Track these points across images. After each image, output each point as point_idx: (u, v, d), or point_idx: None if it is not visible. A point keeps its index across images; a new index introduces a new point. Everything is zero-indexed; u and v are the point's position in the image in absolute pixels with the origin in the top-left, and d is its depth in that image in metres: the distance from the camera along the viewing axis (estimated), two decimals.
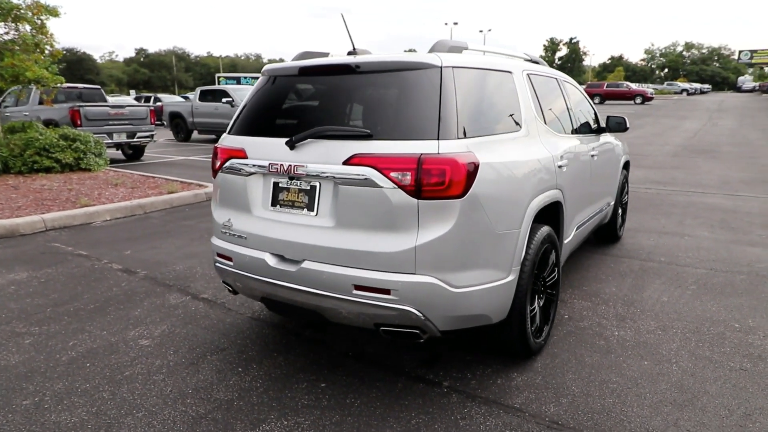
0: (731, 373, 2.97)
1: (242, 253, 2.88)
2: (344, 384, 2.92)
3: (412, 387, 2.88)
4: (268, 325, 3.72)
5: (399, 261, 2.42)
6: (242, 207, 2.91)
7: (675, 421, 2.54)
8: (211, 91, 18.75)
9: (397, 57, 2.67)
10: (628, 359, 3.14)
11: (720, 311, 3.80)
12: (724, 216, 6.69)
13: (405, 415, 2.62)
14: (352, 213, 2.50)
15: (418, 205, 2.37)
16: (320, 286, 2.59)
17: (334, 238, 2.55)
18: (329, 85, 2.84)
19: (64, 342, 3.46)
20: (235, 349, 3.35)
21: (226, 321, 3.78)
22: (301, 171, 2.62)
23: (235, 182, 2.93)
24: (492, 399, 2.75)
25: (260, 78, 3.13)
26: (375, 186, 2.41)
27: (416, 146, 2.39)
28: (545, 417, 2.59)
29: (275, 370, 3.08)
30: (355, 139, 2.52)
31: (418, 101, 2.50)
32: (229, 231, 2.97)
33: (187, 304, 4.08)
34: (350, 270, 2.50)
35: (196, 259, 5.22)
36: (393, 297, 2.43)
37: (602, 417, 2.58)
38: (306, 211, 2.67)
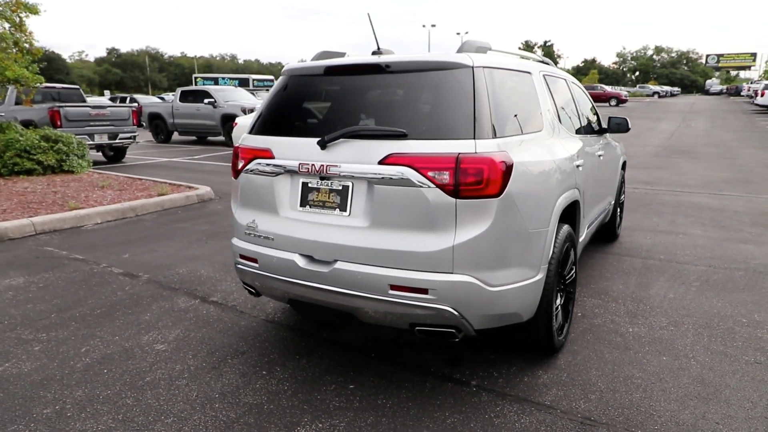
0: (747, 366, 3.06)
1: (269, 255, 2.84)
2: (373, 385, 2.90)
3: (441, 386, 2.89)
4: (284, 327, 3.68)
5: (437, 260, 2.42)
6: (268, 208, 2.88)
7: (703, 415, 2.60)
8: (192, 91, 18.47)
9: (427, 57, 2.67)
10: (647, 355, 3.20)
11: (726, 307, 3.91)
12: (713, 215, 6.88)
13: (439, 415, 2.62)
14: (387, 213, 2.49)
15: (456, 205, 2.38)
16: (354, 287, 2.57)
17: (369, 238, 2.54)
18: (357, 84, 2.83)
19: (75, 348, 3.36)
20: (256, 352, 3.30)
21: (240, 324, 3.72)
22: (333, 171, 2.60)
23: (260, 183, 2.90)
24: (522, 397, 2.78)
25: (281, 78, 3.10)
26: (412, 185, 2.41)
27: (453, 146, 2.40)
28: (577, 413, 2.62)
29: (300, 372, 3.05)
30: (389, 139, 2.52)
31: (452, 101, 2.51)
32: (253, 232, 2.93)
33: (198, 308, 4.00)
34: (386, 270, 2.50)
35: (198, 262, 5.13)
36: (431, 296, 2.44)
37: (632, 412, 2.63)
38: (338, 211, 2.65)
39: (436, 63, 2.62)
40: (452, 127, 2.46)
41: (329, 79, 2.91)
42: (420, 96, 2.64)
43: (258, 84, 33.99)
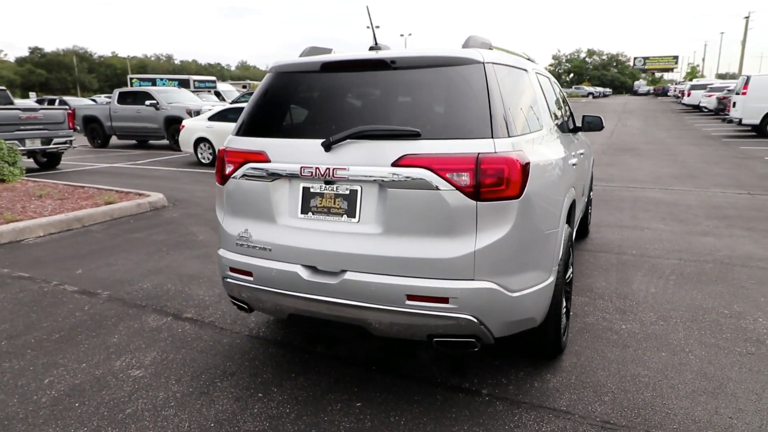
0: (742, 357, 3.12)
1: (266, 267, 2.61)
2: (381, 401, 2.73)
3: (452, 398, 2.76)
4: (272, 343, 3.43)
5: (457, 267, 2.29)
6: (264, 216, 2.65)
7: (715, 410, 2.61)
8: (131, 93, 17.53)
9: (435, 52, 2.53)
10: (646, 351, 3.21)
11: (705, 299, 4.01)
12: (669, 209, 7.16)
13: (457, 430, 2.49)
14: (403, 218, 2.33)
15: (477, 207, 2.26)
16: (367, 299, 2.40)
17: (382, 245, 2.37)
18: (359, 81, 2.65)
19: (37, 380, 2.98)
20: (246, 372, 3.05)
21: (223, 342, 3.44)
22: (341, 174, 2.41)
23: (254, 189, 2.66)
24: (537, 404, 2.69)
25: (270, 75, 2.87)
26: (430, 188, 2.27)
27: (472, 145, 2.28)
28: (595, 417, 2.57)
29: (300, 392, 2.83)
30: (401, 139, 2.36)
31: (465, 98, 2.39)
32: (246, 243, 2.69)
33: (172, 326, 3.68)
34: (402, 279, 2.34)
35: (162, 275, 4.75)
36: (451, 305, 2.30)
37: (648, 412, 2.60)
38: (346, 217, 2.47)
39: (445, 58, 2.48)
40: (468, 125, 2.33)
41: (326, 76, 2.70)
42: (430, 93, 2.49)
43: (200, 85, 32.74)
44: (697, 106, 30.23)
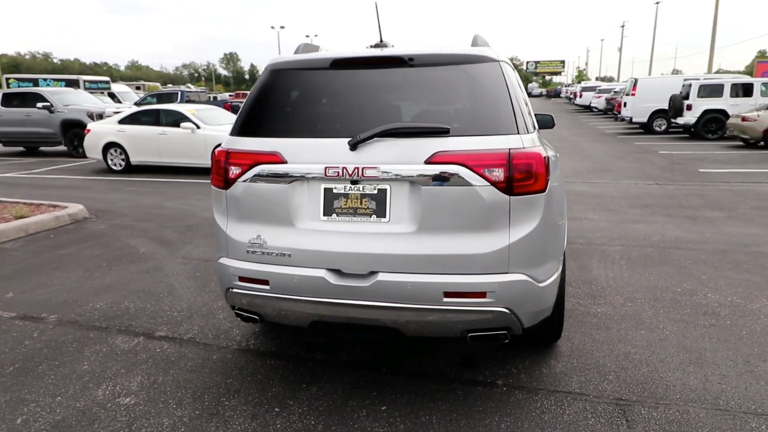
0: (708, 329, 3.47)
1: (286, 274, 2.48)
2: (404, 402, 2.70)
3: (472, 391, 2.79)
4: (267, 354, 3.26)
5: (493, 261, 2.32)
6: (280, 220, 2.51)
7: (705, 378, 2.88)
8: (18, 94, 15.76)
9: (451, 49, 2.55)
10: (628, 331, 3.46)
11: (658, 280, 4.41)
12: (597, 200, 7.77)
13: (490, 422, 2.53)
14: (438, 215, 2.32)
15: (510, 202, 2.31)
16: (402, 299, 2.36)
17: (416, 244, 2.34)
18: (374, 79, 2.59)
19: (9, 420, 2.60)
20: (253, 387, 2.87)
21: (213, 359, 3.21)
22: (371, 174, 2.35)
23: (267, 192, 2.51)
24: (552, 389, 2.80)
25: (271, 72, 2.72)
26: (466, 184, 2.28)
27: (502, 141, 2.32)
28: (608, 396, 2.73)
29: (318, 402, 2.72)
30: (430, 137, 2.35)
31: (488, 95, 2.43)
32: (261, 249, 2.53)
33: (147, 347, 3.37)
34: (438, 277, 2.33)
35: (114, 293, 4.33)
36: (489, 299, 2.33)
37: (650, 386, 2.81)
38: (375, 217, 2.40)
39: (462, 56, 2.51)
40: (494, 122, 2.37)
41: (337, 73, 2.61)
42: (451, 91, 2.50)
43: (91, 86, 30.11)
44: (588, 106, 33.01)
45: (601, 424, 2.50)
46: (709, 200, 7.51)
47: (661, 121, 18.06)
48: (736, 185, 8.63)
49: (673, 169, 10.55)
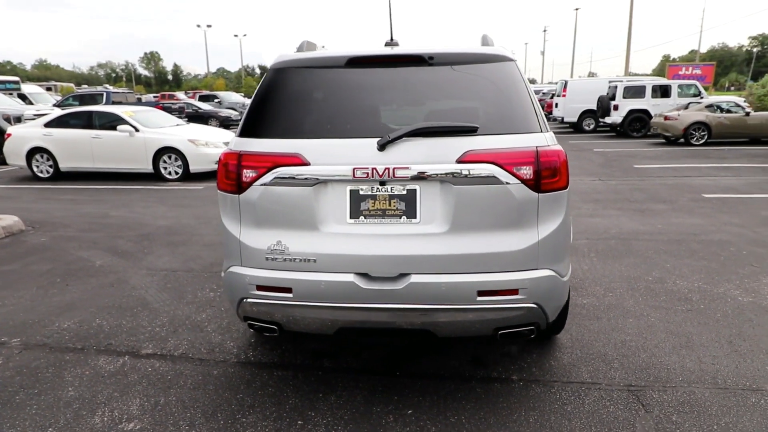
0: (686, 314, 3.71)
1: (312, 280, 2.38)
2: (429, 404, 2.68)
3: (491, 389, 2.82)
4: (271, 366, 3.12)
5: (524, 258, 2.35)
6: (303, 224, 2.40)
7: (699, 359, 3.07)
8: None
9: (469, 49, 2.55)
10: (617, 320, 3.63)
11: (628, 270, 4.66)
12: None
13: (518, 417, 2.56)
14: (470, 214, 2.32)
15: (538, 199, 2.35)
16: (436, 300, 2.33)
17: (449, 244, 2.32)
18: (393, 77, 2.53)
19: None
20: (268, 401, 2.73)
21: (214, 374, 3.03)
22: (402, 174, 2.30)
23: (288, 196, 2.39)
24: (565, 380, 2.88)
25: (279, 70, 2.60)
26: (499, 183, 2.29)
27: (529, 139, 2.36)
28: (619, 383, 2.84)
29: (341, 411, 2.64)
30: (459, 135, 2.34)
31: (509, 94, 2.45)
32: (282, 256, 2.41)
33: (137, 367, 3.12)
34: (472, 276, 2.33)
35: (80, 310, 3.99)
36: (521, 296, 2.36)
37: (653, 371, 2.96)
38: (405, 218, 2.36)
39: (481, 55, 2.52)
40: (518, 120, 2.40)
41: (354, 71, 2.54)
42: (472, 89, 2.50)
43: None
44: None
45: (621, 410, 2.60)
46: (650, 194, 8.04)
47: (590, 121, 19.16)
48: (669, 179, 9.30)
49: (611, 165, 11.21)
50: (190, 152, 10.25)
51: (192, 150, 10.28)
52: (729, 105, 14.14)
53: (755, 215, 6.54)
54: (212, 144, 10.55)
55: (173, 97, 36.17)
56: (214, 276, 4.69)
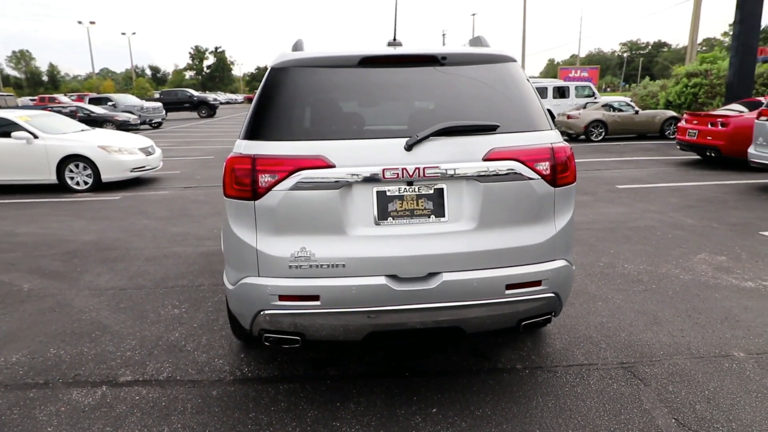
0: (643, 294, 4.07)
1: (341, 286, 2.30)
2: (450, 401, 2.71)
3: (502, 379, 2.91)
4: (273, 380, 2.97)
5: (545, 250, 2.46)
6: (329, 229, 2.32)
7: (670, 333, 3.39)
8: None
9: (477, 50, 2.62)
10: (587, 304, 3.90)
11: (581, 258, 5.01)
12: None
13: (536, 403, 2.67)
14: (497, 210, 2.38)
15: (555, 193, 2.46)
16: (467, 296, 2.36)
17: (478, 240, 2.37)
18: (406, 77, 2.51)
19: None
20: (286, 417, 2.61)
21: (213, 395, 2.83)
22: (432, 173, 2.30)
23: (313, 200, 2.29)
24: (566, 364, 3.05)
25: (287, 69, 2.47)
26: (522, 179, 2.37)
27: (544, 136, 2.46)
28: (613, 362, 3.06)
29: (365, 418, 2.58)
30: (481, 134, 2.39)
31: (519, 93, 2.54)
32: (308, 263, 2.31)
33: (121, 396, 2.83)
34: (500, 270, 2.39)
35: (25, 340, 3.53)
36: (543, 287, 2.46)
37: (637, 347, 3.22)
38: (433, 218, 2.36)
39: (489, 56, 2.59)
40: (531, 118, 2.50)
41: (366, 71, 2.48)
42: (483, 89, 2.55)
43: None
44: None
45: (624, 386, 2.80)
46: None
47: None
48: (583, 173, 10.10)
49: None
50: (101, 160, 9.42)
51: (103, 157, 9.45)
52: (621, 104, 15.66)
53: (666, 202, 7.31)
54: (126, 150, 9.78)
55: (55, 101, 32.84)
56: (171, 292, 4.36)
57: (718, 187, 8.34)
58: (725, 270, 4.54)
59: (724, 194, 7.75)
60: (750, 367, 2.96)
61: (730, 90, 12.38)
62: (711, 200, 7.36)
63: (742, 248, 5.13)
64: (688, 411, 2.57)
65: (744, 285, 4.19)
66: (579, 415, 2.56)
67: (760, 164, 7.95)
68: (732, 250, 5.07)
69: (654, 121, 15.39)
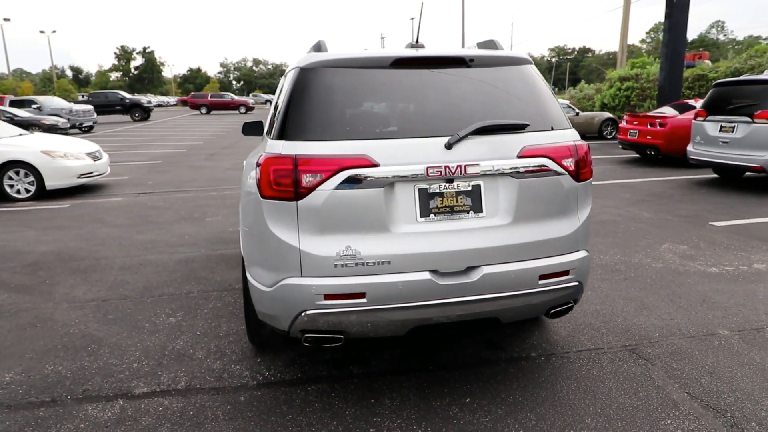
0: (626, 282, 4.36)
1: (387, 282, 2.34)
2: (481, 390, 2.81)
3: (522, 367, 3.04)
4: (298, 382, 2.95)
5: (572, 241, 2.61)
6: (374, 227, 2.35)
7: (659, 317, 3.67)
8: None
9: (502, 52, 2.75)
10: None
11: None
12: None
13: (560, 387, 2.82)
14: (531, 205, 2.50)
15: (578, 188, 2.62)
16: (505, 288, 2.47)
17: (513, 234, 2.48)
18: (437, 78, 2.59)
19: None
20: (325, 416, 2.60)
21: (241, 401, 2.78)
22: (473, 170, 2.39)
23: (358, 198, 2.32)
24: (575, 350, 3.23)
25: (323, 71, 2.47)
26: (552, 175, 2.51)
27: (567, 135, 2.62)
28: (617, 345, 3.28)
29: (404, 411, 2.63)
30: (513, 132, 2.51)
31: (539, 93, 2.69)
32: (354, 261, 2.33)
33: (143, 408, 2.72)
34: (534, 262, 2.51)
35: (15, 358, 3.30)
36: (570, 276, 2.61)
37: (634, 331, 3.46)
38: (472, 213, 2.45)
39: (510, 58, 2.72)
40: (553, 117, 2.65)
41: (398, 72, 2.54)
42: (507, 89, 2.67)
43: None
44: None
45: (633, 367, 3.01)
46: None
47: None
48: None
49: None
50: (45, 166, 8.85)
51: (47, 164, 8.88)
52: (562, 106, 16.46)
53: (620, 197, 7.82)
54: (72, 156, 9.24)
55: None
56: (160, 300, 4.20)
57: (662, 182, 9.01)
58: (689, 258, 4.94)
59: (669, 189, 8.38)
60: (736, 342, 3.26)
61: (662, 93, 13.38)
62: (660, 195, 7.95)
63: (699, 237, 5.59)
64: (696, 385, 2.80)
65: (709, 270, 4.59)
66: (603, 395, 2.73)
67: (698, 161, 8.67)
68: (690, 240, 5.52)
69: (593, 122, 16.33)
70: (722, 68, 17.10)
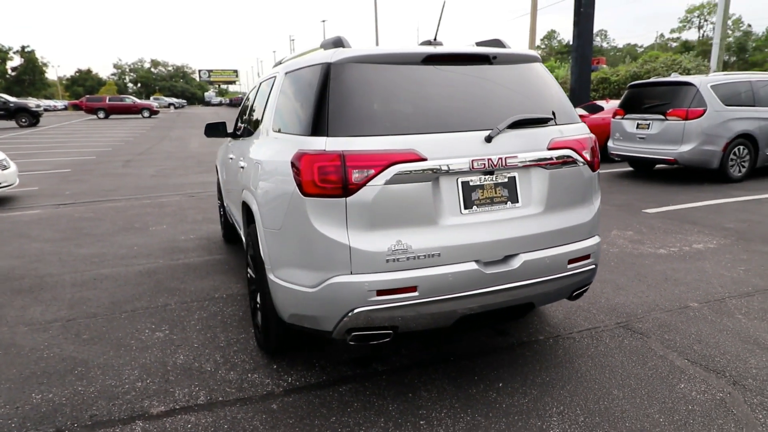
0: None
1: (438, 274, 2.37)
2: (509, 375, 2.92)
3: (537, 350, 3.20)
4: (326, 384, 2.89)
5: (591, 227, 2.81)
6: (422, 220, 2.37)
7: (636, 295, 4.01)
8: None
9: (519, 50, 2.87)
10: None
11: None
12: None
13: (578, 366, 3.01)
14: (559, 194, 2.65)
15: (594, 177, 2.82)
16: (541, 274, 2.60)
17: (546, 222, 2.61)
18: (464, 74, 2.65)
19: None
20: (370, 414, 2.58)
21: (274, 408, 2.67)
22: (512, 162, 2.49)
23: (408, 193, 2.33)
24: (576, 330, 3.46)
25: (359, 67, 2.45)
26: (576, 165, 2.68)
27: (582, 128, 2.81)
28: (612, 323, 3.54)
29: (446, 401, 2.67)
30: (540, 126, 2.64)
31: (553, 89, 2.86)
32: (406, 255, 2.34)
33: (169, 427, 2.53)
34: (563, 248, 2.67)
35: (6, 383, 2.92)
36: (591, 260, 2.80)
37: (620, 309, 3.76)
38: (509, 204, 2.55)
39: (526, 56, 2.87)
40: (568, 112, 2.82)
41: (427, 69, 2.58)
42: (526, 85, 2.80)
43: None
44: None
45: (633, 341, 3.28)
46: None
47: None
48: None
49: None
50: None
51: None
52: None
53: None
54: None
55: None
56: (135, 315, 3.90)
57: None
58: (638, 242, 5.43)
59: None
60: (708, 312, 3.66)
61: (573, 94, 14.47)
62: None
63: (640, 224, 6.16)
64: (691, 352, 3.12)
65: (659, 252, 5.08)
66: (618, 368, 2.95)
67: (617, 155, 9.51)
68: (633, 226, 6.06)
69: None
70: (622, 72, 18.83)
